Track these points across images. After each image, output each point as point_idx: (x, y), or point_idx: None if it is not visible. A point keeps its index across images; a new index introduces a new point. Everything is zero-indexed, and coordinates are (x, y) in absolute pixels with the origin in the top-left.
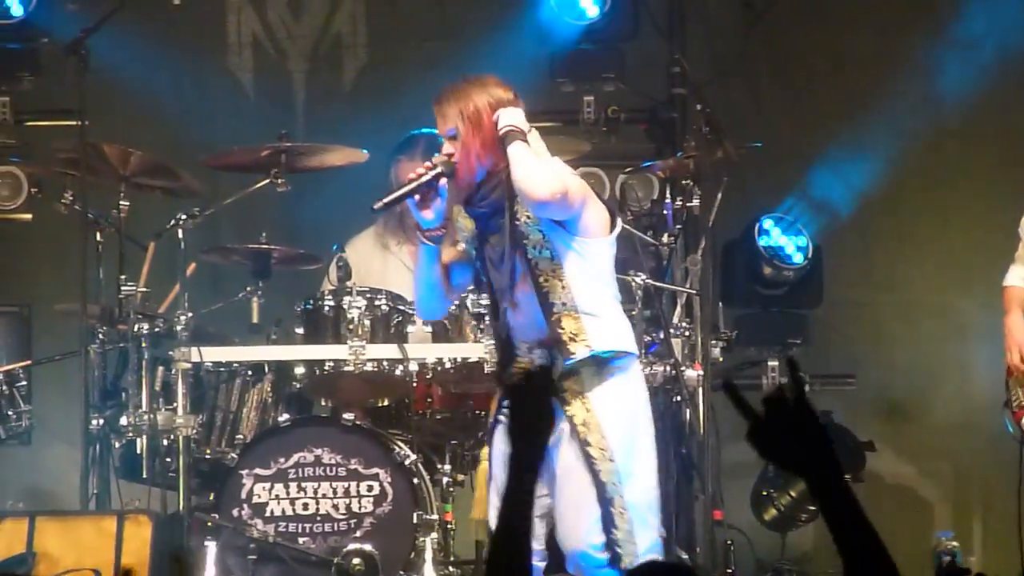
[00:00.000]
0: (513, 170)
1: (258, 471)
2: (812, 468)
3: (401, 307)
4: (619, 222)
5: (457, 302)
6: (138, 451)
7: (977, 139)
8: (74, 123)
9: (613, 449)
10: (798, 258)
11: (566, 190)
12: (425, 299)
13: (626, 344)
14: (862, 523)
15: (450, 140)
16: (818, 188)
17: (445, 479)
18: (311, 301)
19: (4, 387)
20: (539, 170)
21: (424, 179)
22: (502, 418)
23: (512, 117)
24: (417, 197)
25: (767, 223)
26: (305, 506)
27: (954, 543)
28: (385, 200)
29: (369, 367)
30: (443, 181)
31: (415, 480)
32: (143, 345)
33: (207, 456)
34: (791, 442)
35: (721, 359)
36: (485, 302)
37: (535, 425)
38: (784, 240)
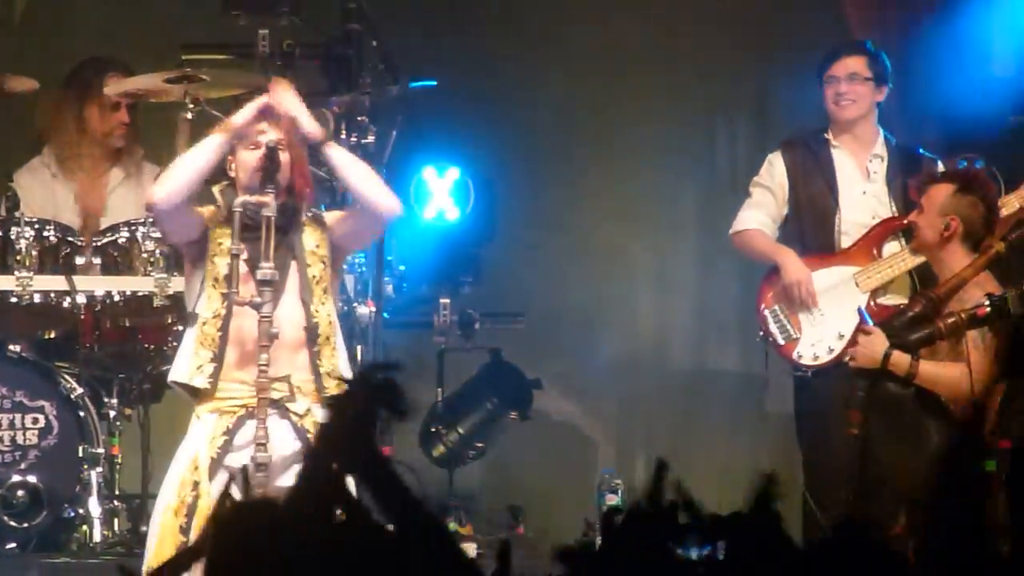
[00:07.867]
0: None
1: None
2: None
3: (70, 238)
4: None
5: (128, 234)
6: None
7: (647, 84)
8: None
9: None
10: (468, 201)
11: None
12: (188, 184)
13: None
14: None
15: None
16: (493, 128)
17: (112, 413)
18: None
19: None
20: None
21: None
22: None
23: None
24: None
25: (440, 163)
26: None
27: (618, 480)
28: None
29: (36, 298)
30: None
31: (81, 413)
32: None
33: None
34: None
35: (394, 296)
36: (156, 235)
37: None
38: (455, 180)
